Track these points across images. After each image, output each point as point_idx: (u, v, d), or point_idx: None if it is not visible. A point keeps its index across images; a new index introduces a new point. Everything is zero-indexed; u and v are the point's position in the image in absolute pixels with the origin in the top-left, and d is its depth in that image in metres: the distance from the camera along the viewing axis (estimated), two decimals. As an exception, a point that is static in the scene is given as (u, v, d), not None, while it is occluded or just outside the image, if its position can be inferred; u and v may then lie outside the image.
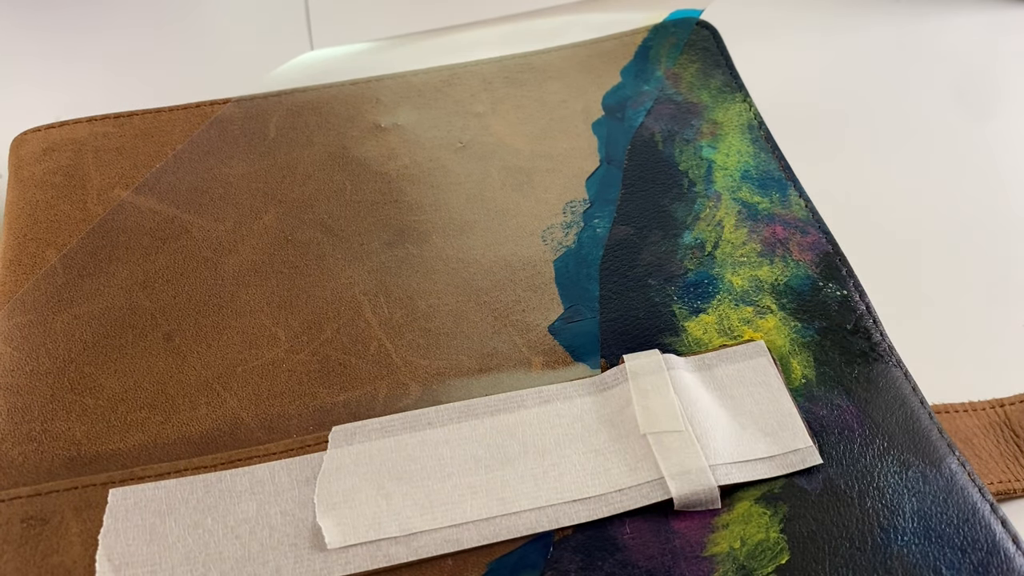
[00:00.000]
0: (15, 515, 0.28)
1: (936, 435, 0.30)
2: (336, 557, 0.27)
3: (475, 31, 0.48)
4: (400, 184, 0.38)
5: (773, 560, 0.27)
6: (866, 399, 0.31)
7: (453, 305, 0.34)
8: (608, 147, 0.39)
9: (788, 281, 0.35)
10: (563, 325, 0.33)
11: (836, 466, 0.29)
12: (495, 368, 0.32)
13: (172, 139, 0.39)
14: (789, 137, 0.41)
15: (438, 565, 0.27)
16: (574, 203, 0.37)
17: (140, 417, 0.31)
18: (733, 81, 0.42)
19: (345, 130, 0.40)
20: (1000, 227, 0.41)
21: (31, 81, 0.48)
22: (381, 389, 0.32)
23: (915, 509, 0.28)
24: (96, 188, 0.37)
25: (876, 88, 0.47)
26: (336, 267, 0.35)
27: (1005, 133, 0.45)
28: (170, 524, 0.28)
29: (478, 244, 0.36)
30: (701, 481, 0.29)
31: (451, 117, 0.41)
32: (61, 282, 0.34)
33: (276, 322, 0.33)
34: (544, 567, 0.27)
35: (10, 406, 0.31)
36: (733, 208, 0.37)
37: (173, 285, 0.34)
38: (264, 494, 0.29)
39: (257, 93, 0.42)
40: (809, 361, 0.32)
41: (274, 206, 0.37)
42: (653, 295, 0.34)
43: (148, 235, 0.36)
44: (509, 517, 0.28)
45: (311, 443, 0.30)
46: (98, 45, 0.50)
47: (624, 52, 0.44)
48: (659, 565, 0.27)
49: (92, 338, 0.33)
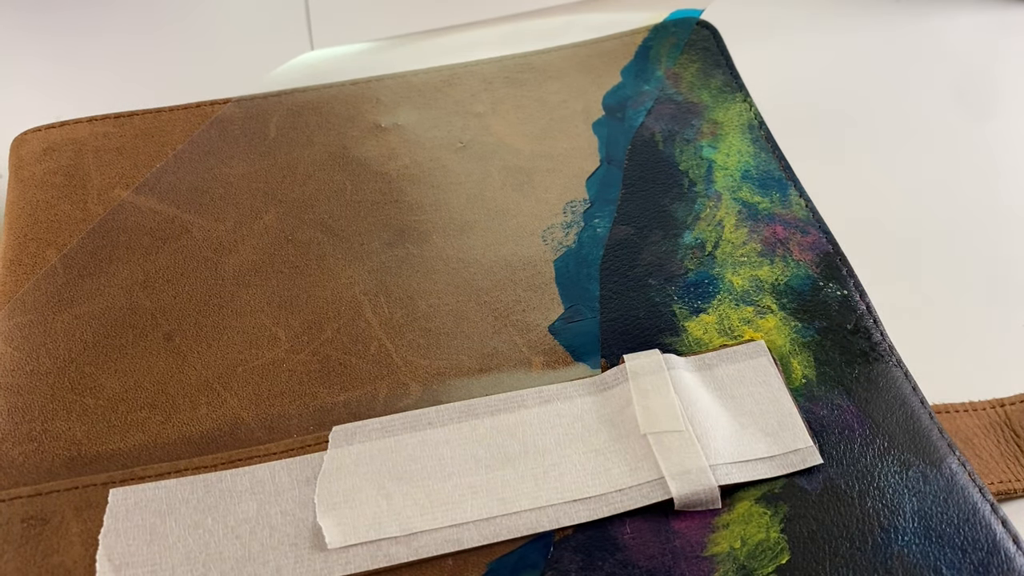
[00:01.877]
0: (15, 515, 0.28)
1: (936, 435, 0.30)
2: (336, 557, 0.27)
3: (475, 31, 0.48)
4: (400, 184, 0.38)
5: (773, 560, 0.27)
6: (866, 399, 0.31)
7: (453, 305, 0.34)
8: (608, 147, 0.39)
9: (788, 281, 0.35)
10: (563, 325, 0.33)
11: (836, 466, 0.29)
12: (495, 368, 0.32)
13: (172, 139, 0.39)
14: (789, 137, 0.41)
15: (438, 565, 0.27)
16: (574, 203, 0.37)
17: (140, 417, 0.31)
18: (733, 81, 0.42)
19: (345, 130, 0.40)
20: (1000, 227, 0.41)
21: (31, 81, 0.48)
22: (381, 389, 0.32)
23: (915, 509, 0.28)
24: (96, 188, 0.37)
25: (876, 88, 0.47)
26: (336, 267, 0.35)
27: (1005, 133, 0.45)
28: (170, 524, 0.28)
29: (478, 244, 0.36)
30: (701, 481, 0.29)
31: (451, 117, 0.41)
32: (61, 282, 0.34)
33: (276, 322, 0.33)
34: (544, 567, 0.27)
35: (10, 406, 0.31)
36: (733, 208, 0.37)
37: (173, 285, 0.34)
38: (264, 494, 0.29)
39: (257, 93, 0.42)
40: (809, 361, 0.32)
41: (274, 206, 0.37)
42: (653, 295, 0.34)
43: (148, 235, 0.36)
44: (509, 517, 0.28)
45: (311, 443, 0.30)
46: (98, 45, 0.50)
47: (624, 52, 0.44)
48: (659, 565, 0.27)
49: (92, 338, 0.33)
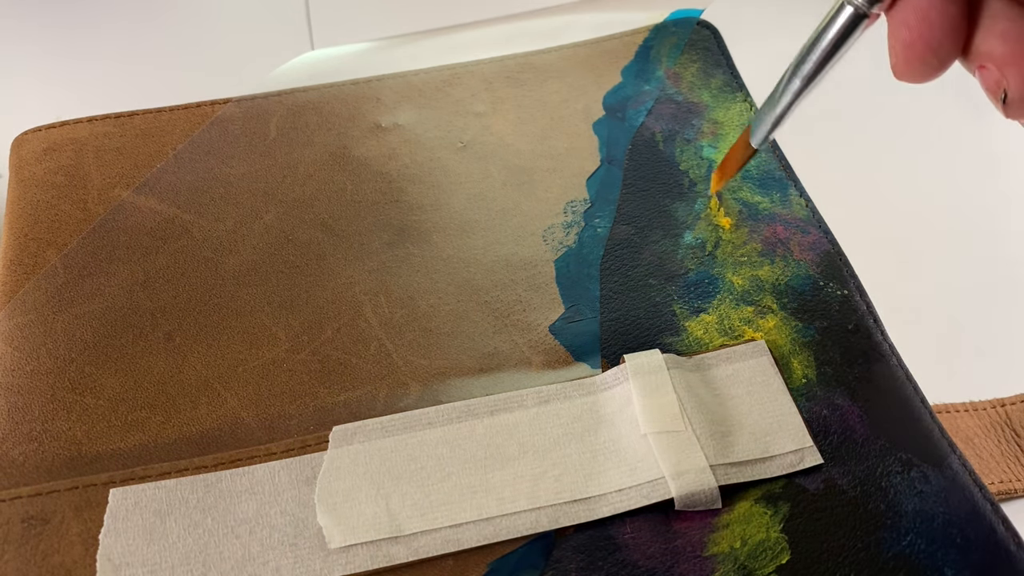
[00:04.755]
0: (16, 515, 0.28)
1: (937, 435, 0.30)
2: (336, 557, 0.27)
3: (475, 31, 0.48)
4: (401, 184, 0.38)
5: (774, 560, 0.27)
6: (867, 399, 0.31)
7: (454, 305, 0.34)
8: (609, 147, 0.39)
9: (789, 281, 0.34)
10: (564, 325, 0.33)
11: (837, 466, 0.29)
12: (496, 368, 0.32)
13: (172, 139, 0.39)
14: (789, 137, 0.41)
15: (439, 565, 0.27)
16: (575, 203, 0.37)
17: (140, 417, 0.31)
18: (734, 81, 0.42)
19: (346, 130, 0.40)
20: (1001, 227, 0.41)
21: (31, 81, 0.48)
22: (381, 389, 0.32)
23: (916, 509, 0.28)
24: (97, 188, 0.37)
25: (876, 87, 0.47)
26: (336, 267, 0.35)
27: (1006, 133, 0.45)
28: (170, 524, 0.28)
29: (479, 244, 0.36)
30: (702, 481, 0.29)
31: (452, 117, 0.41)
32: (61, 282, 0.34)
33: (276, 322, 0.33)
34: (545, 567, 0.27)
35: (10, 406, 0.31)
36: (734, 208, 0.37)
37: (173, 285, 0.34)
38: (264, 494, 0.29)
39: (257, 93, 0.42)
40: (810, 361, 0.32)
41: (275, 206, 0.37)
42: (654, 295, 0.34)
43: (148, 235, 0.36)
44: (509, 517, 0.28)
45: (311, 443, 0.30)
46: (98, 45, 0.50)
47: (625, 52, 0.44)
48: (660, 565, 0.27)
49: (93, 338, 0.33)
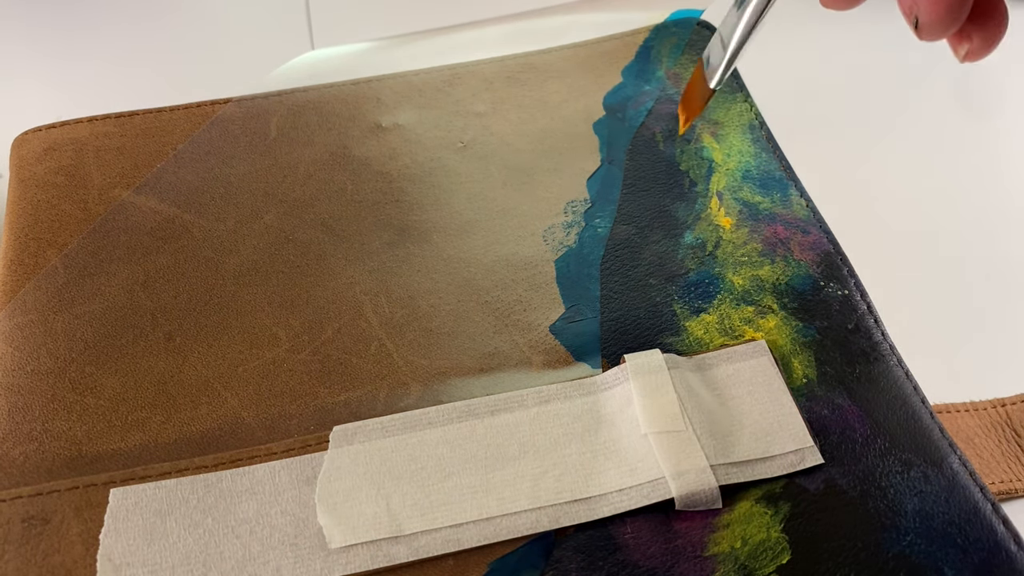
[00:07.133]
0: (16, 515, 0.28)
1: (937, 435, 0.30)
2: (337, 557, 0.27)
3: (475, 31, 0.48)
4: (401, 184, 0.38)
5: (774, 560, 0.27)
6: (867, 399, 0.31)
7: (454, 305, 0.34)
8: (609, 147, 0.39)
9: (789, 281, 0.34)
10: (564, 325, 0.33)
11: (837, 466, 0.29)
12: (496, 368, 0.32)
13: (173, 139, 0.39)
14: (790, 137, 0.41)
15: (439, 565, 0.27)
16: (575, 203, 0.37)
17: (141, 417, 0.31)
18: (734, 81, 0.42)
19: (346, 130, 0.40)
20: (1001, 226, 0.41)
21: (31, 81, 0.48)
22: (382, 389, 0.32)
23: (917, 509, 0.28)
24: (97, 188, 0.37)
25: (877, 87, 0.47)
26: (337, 267, 0.35)
27: (1006, 133, 0.45)
28: (170, 524, 0.28)
29: (479, 244, 0.36)
30: (702, 481, 0.29)
31: (452, 117, 0.41)
32: (62, 282, 0.34)
33: (277, 322, 0.33)
34: (545, 566, 0.27)
35: (11, 406, 0.31)
36: (734, 208, 0.37)
37: (174, 285, 0.34)
38: (264, 494, 0.29)
39: (258, 93, 0.42)
40: (810, 360, 0.32)
41: (275, 206, 0.37)
42: (654, 295, 0.34)
43: (149, 235, 0.36)
44: (509, 517, 0.28)
45: (312, 443, 0.30)
46: (98, 45, 0.50)
47: (625, 52, 0.44)
48: (660, 565, 0.27)
49: (93, 338, 0.33)
